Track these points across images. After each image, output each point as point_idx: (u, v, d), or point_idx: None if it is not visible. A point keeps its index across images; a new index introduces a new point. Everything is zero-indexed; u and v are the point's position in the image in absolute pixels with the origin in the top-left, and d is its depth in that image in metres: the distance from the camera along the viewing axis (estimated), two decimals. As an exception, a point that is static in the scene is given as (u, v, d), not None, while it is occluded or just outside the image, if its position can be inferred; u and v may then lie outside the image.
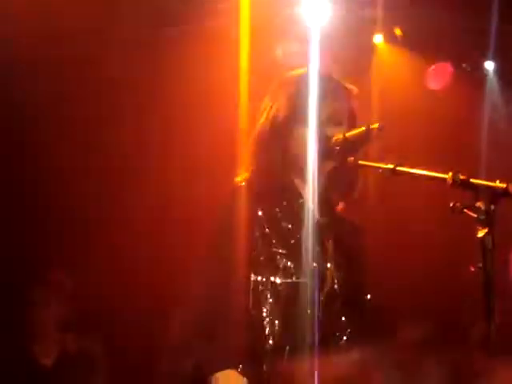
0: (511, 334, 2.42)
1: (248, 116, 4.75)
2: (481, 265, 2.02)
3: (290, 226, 2.61)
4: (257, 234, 2.58)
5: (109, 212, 5.44)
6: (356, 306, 2.67)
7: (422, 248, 5.77)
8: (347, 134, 2.55)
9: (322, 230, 2.67)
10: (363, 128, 2.49)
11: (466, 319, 4.75)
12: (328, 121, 2.64)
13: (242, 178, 2.70)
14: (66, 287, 4.84)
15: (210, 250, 2.62)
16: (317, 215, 2.68)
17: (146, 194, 5.48)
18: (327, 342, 2.58)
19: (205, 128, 5.41)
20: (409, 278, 5.80)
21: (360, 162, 2.53)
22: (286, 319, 2.53)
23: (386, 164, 2.35)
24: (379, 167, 2.37)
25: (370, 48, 6.04)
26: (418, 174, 2.25)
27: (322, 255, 2.63)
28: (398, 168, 2.31)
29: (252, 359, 2.52)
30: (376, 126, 2.47)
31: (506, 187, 1.97)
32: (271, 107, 2.73)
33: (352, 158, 2.55)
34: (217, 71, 5.28)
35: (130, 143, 5.53)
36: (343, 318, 2.63)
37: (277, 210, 2.63)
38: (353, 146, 2.56)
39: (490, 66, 6.14)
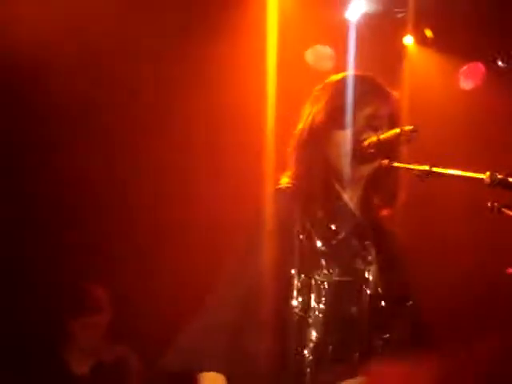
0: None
1: (276, 117, 4.78)
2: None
3: (332, 227, 2.61)
4: (301, 235, 2.58)
5: (135, 220, 5.47)
6: (400, 310, 2.67)
7: (459, 250, 5.72)
8: (381, 137, 2.55)
9: (363, 231, 2.67)
10: (397, 130, 2.48)
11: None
12: (367, 125, 2.64)
13: (283, 182, 2.71)
14: (100, 297, 4.85)
15: (249, 251, 2.61)
16: (359, 217, 2.69)
17: (174, 201, 5.49)
18: (368, 346, 2.57)
19: (232, 130, 5.43)
20: (447, 281, 5.76)
21: (395, 163, 2.51)
22: (331, 318, 2.53)
23: (421, 165, 2.34)
24: (414, 169, 2.36)
25: (401, 49, 6.00)
26: (454, 175, 2.23)
27: (364, 256, 2.63)
28: (433, 169, 2.29)
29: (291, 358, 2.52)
30: (410, 128, 2.46)
31: (545, 186, 1.95)
32: (310, 112, 2.75)
33: (386, 161, 2.54)
34: (244, 72, 5.29)
35: (156, 147, 5.54)
36: (388, 321, 2.63)
37: (319, 211, 2.63)
38: (387, 148, 2.55)
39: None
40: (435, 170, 2.28)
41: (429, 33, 5.91)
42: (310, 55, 5.89)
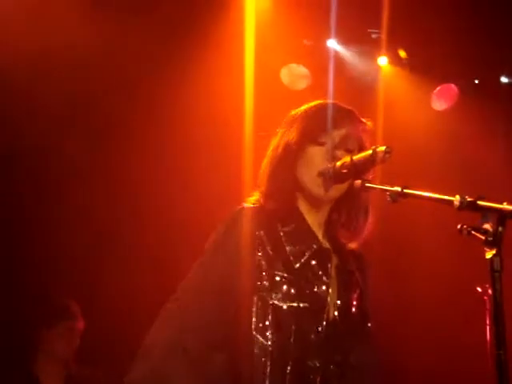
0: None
1: (253, 135, 4.81)
2: (488, 286, 2.02)
3: (293, 250, 2.61)
4: (260, 257, 2.57)
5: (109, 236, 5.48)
6: (357, 334, 2.66)
7: (430, 271, 5.77)
8: (354, 157, 2.55)
9: (325, 255, 2.67)
10: (370, 151, 2.50)
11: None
12: (339, 145, 2.65)
13: (251, 200, 2.72)
14: (73, 306, 4.88)
15: (207, 268, 2.61)
16: (321, 240, 2.69)
17: (147, 215, 5.50)
18: (329, 370, 2.56)
19: (208, 144, 5.45)
20: (416, 302, 5.81)
21: (367, 184, 2.53)
22: (288, 343, 2.52)
23: (393, 186, 2.36)
24: (386, 190, 2.38)
25: (375, 70, 6.07)
26: (425, 197, 2.26)
27: (325, 280, 2.62)
28: (405, 190, 2.31)
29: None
30: (383, 148, 2.47)
31: (514, 209, 1.98)
32: (284, 133, 2.76)
33: (359, 181, 2.56)
34: (222, 85, 5.33)
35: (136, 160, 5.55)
36: (343, 343, 2.61)
37: (281, 233, 2.63)
38: (360, 169, 2.56)
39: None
40: (407, 191, 2.30)
41: (403, 53, 5.98)
42: (284, 74, 5.93)
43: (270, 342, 2.51)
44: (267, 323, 2.52)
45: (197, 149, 5.55)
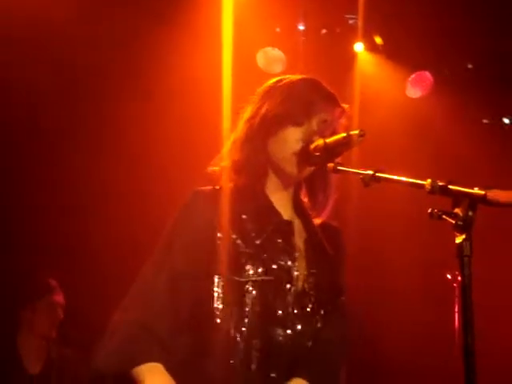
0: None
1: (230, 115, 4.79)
2: (458, 272, 2.03)
3: (255, 227, 2.59)
4: (219, 236, 2.56)
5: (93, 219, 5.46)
6: (328, 306, 2.66)
7: (400, 254, 5.80)
8: (327, 140, 2.55)
9: (288, 228, 2.67)
10: (344, 134, 2.49)
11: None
12: (318, 131, 2.64)
13: (216, 171, 2.71)
14: (49, 288, 4.87)
15: (168, 250, 2.60)
16: (284, 216, 2.68)
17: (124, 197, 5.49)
18: (298, 342, 2.56)
19: (185, 127, 5.43)
20: (386, 283, 5.83)
21: (339, 167, 2.53)
22: (255, 319, 2.51)
23: (366, 170, 2.36)
24: (359, 173, 2.38)
25: (351, 56, 6.06)
26: (397, 180, 2.26)
27: (290, 254, 2.61)
28: (377, 174, 2.31)
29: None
30: (356, 132, 2.47)
31: (485, 194, 1.98)
32: (261, 106, 2.72)
33: (332, 164, 2.55)
34: (198, 68, 5.30)
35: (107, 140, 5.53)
36: (311, 320, 2.60)
37: (242, 212, 2.61)
38: (333, 152, 2.56)
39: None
40: (379, 174, 2.29)
41: (379, 40, 5.98)
42: (260, 57, 5.91)
43: (234, 319, 2.50)
44: (229, 299, 2.51)
45: (174, 132, 5.52)
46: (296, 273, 2.61)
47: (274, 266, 2.56)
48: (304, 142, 2.61)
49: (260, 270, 2.54)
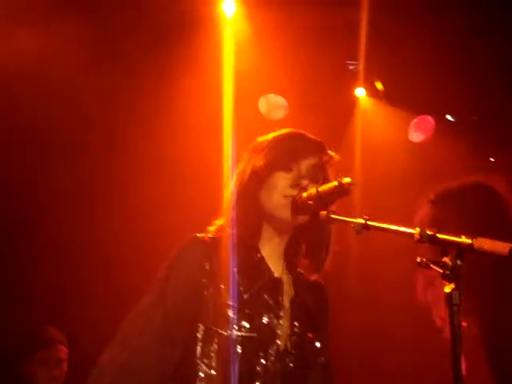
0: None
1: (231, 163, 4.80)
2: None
3: (244, 281, 2.61)
4: (207, 286, 2.58)
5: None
6: (309, 366, 2.67)
7: (391, 303, 5.76)
8: (320, 189, 2.56)
9: (277, 286, 2.67)
10: (335, 182, 2.50)
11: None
12: (307, 174, 2.66)
13: (212, 228, 2.73)
14: (56, 334, 4.85)
15: (158, 295, 2.62)
16: (274, 272, 2.69)
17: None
18: None
19: (185, 174, 5.45)
20: (377, 336, 5.80)
21: (332, 216, 2.53)
22: (233, 374, 2.51)
23: (357, 218, 2.36)
24: (350, 222, 2.38)
25: (353, 101, 6.10)
26: (387, 229, 2.26)
27: (276, 311, 2.62)
28: (368, 222, 2.32)
29: None
30: (348, 180, 2.48)
31: (472, 243, 1.98)
32: (250, 159, 2.77)
33: (324, 213, 2.56)
34: (199, 113, 5.33)
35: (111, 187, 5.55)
36: (290, 379, 2.61)
37: (233, 264, 2.62)
38: (326, 200, 2.57)
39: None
40: (370, 223, 2.30)
41: (380, 85, 6.02)
42: (262, 104, 5.95)
43: (213, 371, 2.51)
44: (212, 352, 2.52)
45: (175, 182, 5.54)
46: (279, 331, 2.61)
47: (259, 323, 2.57)
48: (293, 187, 2.62)
49: (244, 325, 2.55)
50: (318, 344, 2.71)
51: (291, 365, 2.61)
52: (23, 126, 5.31)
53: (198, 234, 2.69)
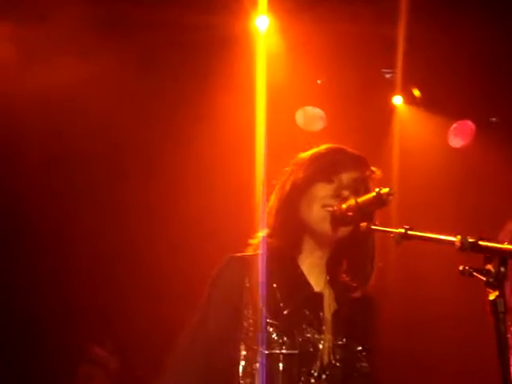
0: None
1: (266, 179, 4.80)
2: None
3: (283, 297, 2.60)
4: (247, 305, 2.58)
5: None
6: (352, 376, 2.63)
7: (436, 313, 5.72)
8: (359, 200, 2.55)
9: (318, 301, 2.66)
10: (374, 193, 2.49)
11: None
12: (347, 186, 2.65)
13: (255, 241, 2.72)
14: (110, 364, 4.90)
15: (201, 319, 2.64)
16: (314, 287, 2.68)
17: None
18: None
19: (220, 190, 5.47)
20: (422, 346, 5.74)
21: (372, 226, 2.52)
22: None
23: (398, 228, 2.35)
24: (390, 232, 2.37)
25: (390, 110, 6.08)
26: (428, 237, 2.24)
27: (317, 326, 2.60)
28: (408, 232, 2.30)
29: None
30: (386, 190, 2.46)
31: (514, 249, 1.96)
32: (292, 173, 2.77)
33: (365, 224, 2.54)
34: (234, 129, 5.35)
35: (139, 207, 5.59)
36: None
37: (272, 280, 2.61)
38: (366, 211, 2.56)
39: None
40: (410, 233, 2.28)
41: (417, 92, 5.99)
42: (300, 116, 5.95)
43: None
44: (254, 370, 2.52)
45: (209, 195, 5.56)
46: (321, 346, 2.59)
47: (300, 339, 2.56)
48: (333, 197, 2.61)
49: (286, 341, 2.54)
50: (364, 354, 2.68)
51: (337, 379, 2.58)
52: (66, 150, 5.39)
53: (237, 254, 2.69)
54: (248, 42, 5.20)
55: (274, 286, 2.61)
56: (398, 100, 6.04)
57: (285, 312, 2.58)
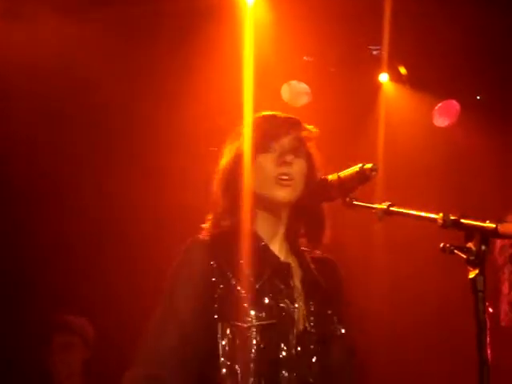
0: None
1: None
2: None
3: (253, 271, 2.60)
4: (218, 284, 2.58)
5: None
6: (332, 340, 2.67)
7: (415, 289, 5.73)
8: (341, 175, 2.53)
9: (286, 270, 2.68)
10: (357, 169, 2.47)
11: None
12: (289, 150, 2.68)
13: (208, 223, 2.73)
14: (88, 332, 4.87)
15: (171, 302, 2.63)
16: (280, 257, 2.70)
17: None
18: (305, 380, 2.58)
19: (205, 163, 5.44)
20: (401, 319, 5.76)
21: (354, 202, 2.50)
22: (260, 363, 2.53)
23: (380, 204, 2.33)
24: (372, 207, 2.36)
25: (376, 87, 6.05)
26: (410, 214, 2.23)
27: (290, 295, 2.62)
28: (390, 208, 2.29)
29: None
30: (370, 166, 2.45)
31: (496, 227, 1.94)
32: (232, 146, 2.79)
33: (347, 199, 2.53)
34: (220, 100, 5.31)
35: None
36: (315, 358, 2.61)
37: (238, 257, 2.63)
38: (347, 187, 2.54)
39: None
40: (392, 209, 2.27)
41: (403, 70, 5.96)
42: (285, 90, 5.91)
43: (237, 366, 2.52)
44: (234, 347, 2.53)
45: (193, 167, 5.52)
46: (296, 314, 2.61)
47: (275, 310, 2.58)
48: (279, 164, 2.64)
49: (262, 314, 2.55)
50: (335, 318, 2.71)
51: (312, 345, 2.61)
52: (48, 110, 5.33)
53: (196, 236, 2.69)
54: (235, 13, 5.14)
55: (241, 262, 2.62)
56: (384, 77, 6.01)
57: (257, 286, 2.59)
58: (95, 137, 5.57)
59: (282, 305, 2.59)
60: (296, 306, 2.62)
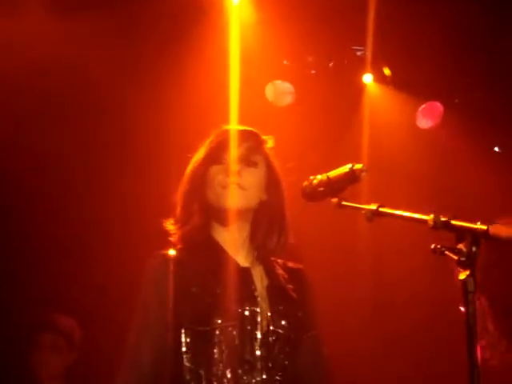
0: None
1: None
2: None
3: (214, 278, 2.68)
4: (183, 293, 2.66)
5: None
6: (297, 344, 2.73)
7: (406, 290, 5.74)
8: (330, 175, 2.53)
9: (246, 275, 2.75)
10: (347, 169, 2.47)
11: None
12: (240, 160, 2.78)
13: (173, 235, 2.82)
14: (74, 334, 4.84)
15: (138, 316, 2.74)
16: (243, 263, 2.78)
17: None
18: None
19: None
20: (392, 322, 5.77)
21: (343, 202, 2.50)
22: (224, 366, 2.59)
23: (370, 205, 2.33)
24: (362, 208, 2.35)
25: (360, 88, 6.05)
26: (400, 216, 2.23)
27: (251, 300, 2.69)
28: (380, 209, 2.28)
29: None
30: (360, 166, 2.46)
31: (487, 229, 1.95)
32: (191, 162, 2.91)
33: (336, 199, 2.53)
34: (205, 100, 5.30)
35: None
36: (281, 361, 2.67)
37: (200, 265, 2.72)
38: (336, 187, 2.54)
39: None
40: (382, 210, 2.27)
41: (387, 71, 5.96)
42: (269, 90, 5.91)
43: (202, 371, 2.59)
44: (198, 352, 2.61)
45: (176, 168, 5.50)
46: (259, 316, 2.68)
47: (237, 313, 2.65)
48: (228, 174, 2.75)
49: (224, 318, 2.62)
50: (305, 320, 2.79)
51: (277, 346, 2.66)
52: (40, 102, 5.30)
53: (158, 251, 2.79)
54: (220, 13, 5.14)
55: (202, 269, 2.71)
56: (368, 78, 6.01)
57: (218, 291, 2.65)
58: (86, 138, 5.54)
59: (244, 308, 2.66)
60: (258, 310, 2.68)
